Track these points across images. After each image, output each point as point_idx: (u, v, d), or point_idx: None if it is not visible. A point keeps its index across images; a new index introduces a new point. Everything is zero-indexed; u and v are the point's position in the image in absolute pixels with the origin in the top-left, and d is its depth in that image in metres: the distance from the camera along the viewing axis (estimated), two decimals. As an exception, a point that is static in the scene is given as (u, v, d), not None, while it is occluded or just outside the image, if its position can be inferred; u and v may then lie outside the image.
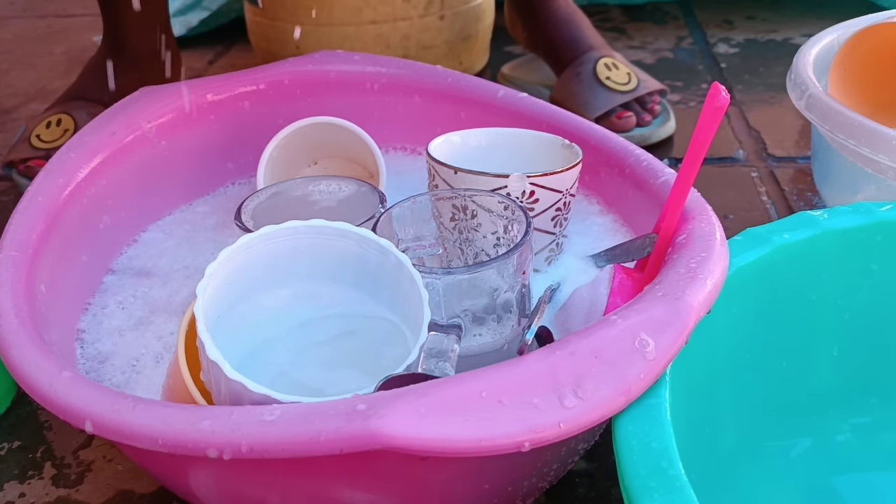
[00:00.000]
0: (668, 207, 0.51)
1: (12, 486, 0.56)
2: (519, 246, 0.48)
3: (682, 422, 0.42)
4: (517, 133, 0.64)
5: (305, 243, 0.47)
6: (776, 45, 1.17)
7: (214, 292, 0.44)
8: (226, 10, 1.29)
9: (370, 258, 0.47)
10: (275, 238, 0.47)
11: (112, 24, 0.97)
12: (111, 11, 0.96)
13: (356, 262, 0.47)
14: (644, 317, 0.42)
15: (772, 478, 0.51)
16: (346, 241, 0.47)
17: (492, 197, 0.53)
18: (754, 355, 0.51)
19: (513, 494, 0.47)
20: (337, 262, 0.48)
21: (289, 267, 0.48)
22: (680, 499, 0.35)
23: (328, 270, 0.48)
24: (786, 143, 0.92)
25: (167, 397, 0.48)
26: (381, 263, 0.46)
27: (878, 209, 0.52)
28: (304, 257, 0.47)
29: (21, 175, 0.88)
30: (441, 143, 0.61)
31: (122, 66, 0.96)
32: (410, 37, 1.04)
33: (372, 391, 0.41)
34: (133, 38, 0.96)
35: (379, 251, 0.46)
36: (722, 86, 0.47)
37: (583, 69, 0.93)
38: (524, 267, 0.49)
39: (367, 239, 0.47)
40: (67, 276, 0.60)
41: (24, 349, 0.47)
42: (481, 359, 0.49)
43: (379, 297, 0.48)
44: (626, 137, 0.87)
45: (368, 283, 0.48)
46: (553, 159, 0.61)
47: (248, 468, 0.41)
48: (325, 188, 0.60)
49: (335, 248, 0.47)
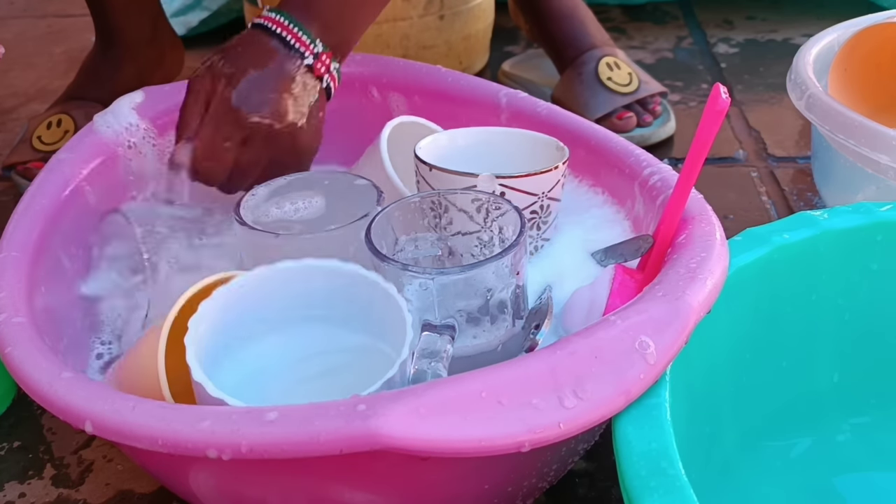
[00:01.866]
0: (668, 209, 0.51)
1: (12, 486, 0.56)
2: (513, 246, 0.48)
3: (682, 422, 0.42)
4: (512, 133, 0.63)
5: (299, 284, 0.49)
6: (776, 45, 1.16)
7: (206, 332, 0.46)
8: (226, 10, 1.28)
9: (360, 294, 0.48)
10: (269, 279, 0.48)
11: (100, 17, 0.95)
12: (97, 4, 0.94)
13: (346, 298, 0.49)
14: (644, 317, 0.42)
15: (772, 478, 0.51)
16: (337, 278, 0.48)
17: (465, 195, 0.53)
18: (754, 355, 0.51)
19: (513, 494, 0.47)
20: (327, 299, 0.49)
21: (281, 307, 0.49)
22: (680, 499, 0.35)
23: (320, 309, 0.49)
24: (786, 143, 0.92)
25: (128, 387, 0.48)
26: (371, 297, 0.47)
27: (878, 209, 0.52)
28: (296, 298, 0.49)
29: (20, 175, 0.88)
30: (430, 142, 0.61)
31: (117, 59, 0.95)
32: (410, 37, 1.04)
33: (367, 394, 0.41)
34: (123, 28, 0.95)
35: (368, 286, 0.47)
36: (723, 87, 0.47)
37: (584, 69, 0.93)
38: (518, 267, 0.49)
39: (357, 275, 0.48)
40: (68, 276, 0.60)
41: (24, 349, 0.47)
42: (475, 360, 0.49)
43: (369, 329, 0.49)
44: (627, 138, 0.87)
45: (359, 318, 0.49)
46: (543, 160, 0.60)
47: (248, 468, 0.41)
48: (325, 184, 0.60)
49: (325, 287, 0.49)
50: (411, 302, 0.48)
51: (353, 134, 0.76)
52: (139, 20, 0.96)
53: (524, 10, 1.03)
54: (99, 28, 0.96)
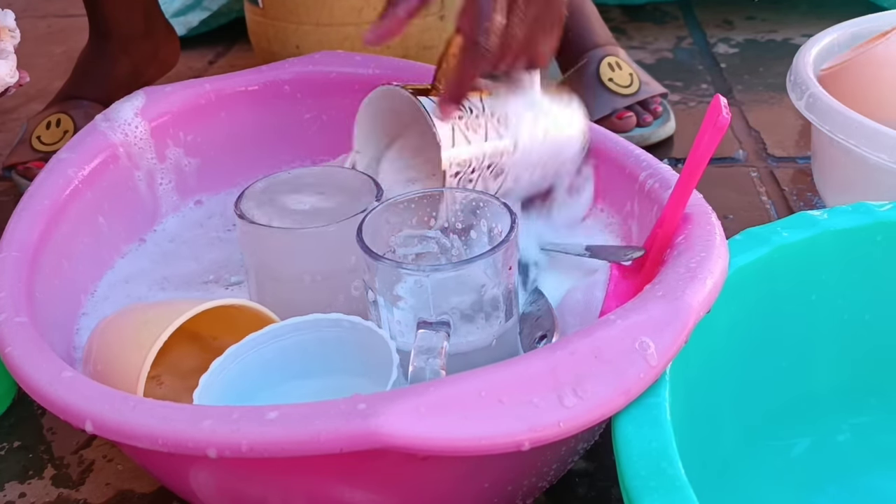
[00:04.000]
0: (665, 215, 0.51)
1: (12, 486, 0.56)
2: (504, 242, 0.48)
3: (681, 422, 0.42)
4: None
5: (305, 338, 0.50)
6: (776, 45, 1.16)
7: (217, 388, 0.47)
8: (226, 10, 1.28)
9: (363, 341, 0.49)
10: (264, 342, 0.49)
11: (93, 10, 0.94)
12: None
13: (343, 349, 0.50)
14: (644, 317, 0.42)
15: (772, 478, 0.51)
16: (336, 329, 0.49)
17: (457, 193, 0.53)
18: (754, 355, 0.51)
19: (513, 494, 0.47)
20: (328, 352, 0.50)
21: (288, 364, 0.50)
22: (680, 499, 0.35)
23: (316, 364, 0.50)
24: (786, 143, 0.92)
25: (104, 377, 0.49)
26: (370, 344, 0.48)
27: (878, 209, 0.52)
28: (294, 357, 0.50)
29: (20, 176, 0.88)
30: None
31: (111, 53, 0.94)
32: (410, 37, 1.04)
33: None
34: (116, 21, 0.94)
35: (369, 334, 0.48)
36: (723, 100, 0.47)
37: (586, 71, 0.93)
38: (511, 262, 0.49)
39: (357, 326, 0.49)
40: (68, 277, 0.60)
41: (24, 349, 0.47)
42: (470, 356, 0.50)
43: (370, 375, 0.49)
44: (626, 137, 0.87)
45: (359, 365, 0.50)
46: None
47: (249, 467, 0.41)
48: (325, 180, 0.60)
49: (329, 338, 0.50)
50: (404, 300, 0.48)
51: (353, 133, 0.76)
52: (132, 13, 0.95)
53: None
54: (92, 22, 0.95)
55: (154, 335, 0.48)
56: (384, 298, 0.49)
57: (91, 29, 0.96)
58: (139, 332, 0.49)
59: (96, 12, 0.94)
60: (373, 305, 0.50)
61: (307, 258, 0.56)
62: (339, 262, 0.54)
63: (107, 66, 0.94)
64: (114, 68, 0.94)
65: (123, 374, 0.48)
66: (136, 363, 0.47)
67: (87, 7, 0.95)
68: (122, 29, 0.95)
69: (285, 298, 0.56)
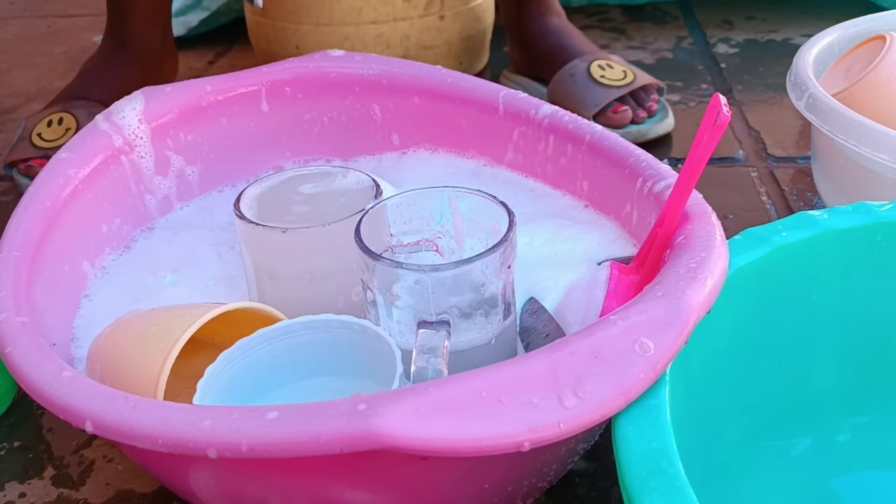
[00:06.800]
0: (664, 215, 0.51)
1: (12, 486, 0.56)
2: (504, 241, 0.48)
3: (681, 422, 0.42)
4: None
5: (306, 340, 0.50)
6: (776, 45, 1.17)
7: (224, 382, 0.47)
8: (226, 10, 1.29)
9: (371, 345, 0.49)
10: (274, 338, 0.49)
11: (118, 20, 0.96)
12: (119, 9, 0.96)
13: (352, 351, 0.50)
14: (644, 317, 0.42)
15: (772, 478, 0.51)
16: (346, 332, 0.49)
17: (453, 191, 0.53)
18: (754, 355, 0.51)
19: (513, 494, 0.47)
20: (333, 354, 0.50)
21: (290, 366, 0.50)
22: (680, 499, 0.35)
23: (326, 364, 0.51)
24: (786, 143, 0.92)
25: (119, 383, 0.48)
26: (377, 349, 0.48)
27: (878, 209, 0.52)
28: (305, 356, 0.50)
29: (22, 175, 0.88)
30: None
31: (125, 64, 0.96)
32: (410, 37, 1.04)
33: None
34: (138, 35, 0.97)
35: (376, 338, 0.48)
36: (723, 98, 0.47)
37: (576, 70, 0.93)
38: (509, 261, 0.49)
39: (366, 329, 0.49)
40: (68, 277, 0.60)
41: (24, 349, 0.47)
42: (469, 354, 0.50)
43: (375, 377, 0.49)
44: (623, 134, 0.87)
45: (367, 369, 0.50)
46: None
47: (249, 468, 0.41)
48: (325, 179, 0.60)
49: (337, 340, 0.50)
50: (403, 299, 0.48)
51: (353, 133, 0.76)
52: (154, 30, 0.98)
53: (511, 34, 1.03)
54: (114, 32, 0.98)
55: (165, 340, 0.48)
56: (383, 298, 0.49)
57: (109, 36, 0.98)
58: (146, 340, 0.49)
59: (121, 24, 0.97)
60: (371, 305, 0.50)
61: (306, 257, 0.56)
62: (339, 261, 0.55)
63: (119, 72, 0.96)
64: (126, 76, 0.95)
65: (137, 380, 0.48)
66: (150, 368, 0.47)
67: (110, 17, 0.98)
68: (141, 42, 0.97)
69: (285, 297, 0.56)
